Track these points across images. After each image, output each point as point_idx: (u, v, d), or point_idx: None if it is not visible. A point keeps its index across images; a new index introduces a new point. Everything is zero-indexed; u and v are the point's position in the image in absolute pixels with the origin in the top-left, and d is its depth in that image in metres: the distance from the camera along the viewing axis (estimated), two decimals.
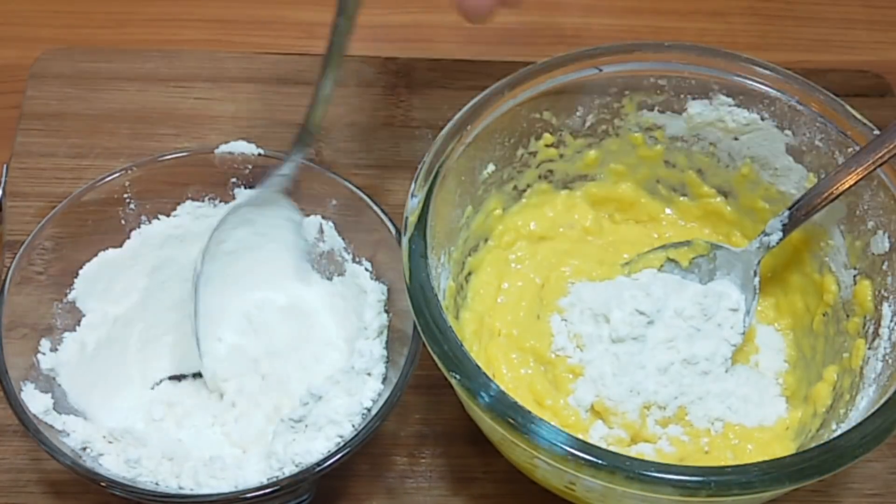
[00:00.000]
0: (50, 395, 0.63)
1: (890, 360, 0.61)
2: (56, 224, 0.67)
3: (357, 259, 0.70)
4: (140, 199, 0.70)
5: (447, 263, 0.66)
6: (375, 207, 0.68)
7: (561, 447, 0.54)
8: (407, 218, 0.62)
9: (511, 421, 0.55)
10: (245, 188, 0.71)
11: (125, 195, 0.69)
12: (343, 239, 0.71)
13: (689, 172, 0.73)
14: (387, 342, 0.66)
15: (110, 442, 0.63)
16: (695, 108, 0.70)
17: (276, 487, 0.60)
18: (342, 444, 0.61)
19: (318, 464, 0.60)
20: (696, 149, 0.72)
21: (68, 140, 0.81)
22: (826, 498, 0.68)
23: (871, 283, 0.64)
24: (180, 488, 0.61)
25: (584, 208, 0.74)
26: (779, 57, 0.69)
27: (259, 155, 0.71)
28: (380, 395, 0.64)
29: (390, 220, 0.67)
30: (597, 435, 0.64)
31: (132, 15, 0.92)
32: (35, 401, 0.62)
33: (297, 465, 0.61)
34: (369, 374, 0.65)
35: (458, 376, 0.56)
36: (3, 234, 0.76)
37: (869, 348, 0.63)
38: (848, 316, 0.66)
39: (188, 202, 0.71)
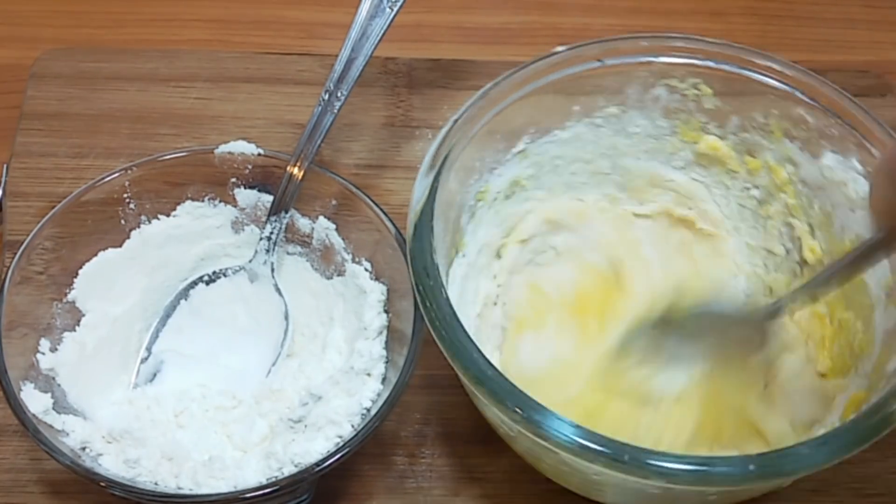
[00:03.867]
0: (49, 394, 0.63)
1: None
2: (56, 224, 0.67)
3: (357, 259, 0.70)
4: (140, 199, 0.70)
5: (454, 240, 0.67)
6: (375, 208, 0.68)
7: (546, 425, 0.54)
8: (416, 197, 0.62)
9: (500, 395, 0.55)
10: (245, 188, 0.71)
11: (125, 195, 0.69)
12: (343, 239, 0.70)
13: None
14: (386, 342, 0.66)
15: (109, 442, 0.63)
16: (829, 159, 0.65)
17: (275, 487, 0.60)
18: (342, 444, 0.61)
19: (317, 464, 0.60)
20: (816, 202, 0.67)
21: (68, 140, 0.81)
22: (826, 497, 0.68)
23: None
24: (179, 488, 0.61)
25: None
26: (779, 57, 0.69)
27: (259, 155, 0.71)
28: (379, 395, 0.64)
29: (390, 220, 0.67)
30: None
31: (132, 15, 0.92)
32: (35, 401, 0.62)
33: (296, 466, 0.61)
34: (369, 375, 0.64)
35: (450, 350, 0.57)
36: (3, 234, 0.76)
37: None
38: None
39: (188, 202, 0.71)
